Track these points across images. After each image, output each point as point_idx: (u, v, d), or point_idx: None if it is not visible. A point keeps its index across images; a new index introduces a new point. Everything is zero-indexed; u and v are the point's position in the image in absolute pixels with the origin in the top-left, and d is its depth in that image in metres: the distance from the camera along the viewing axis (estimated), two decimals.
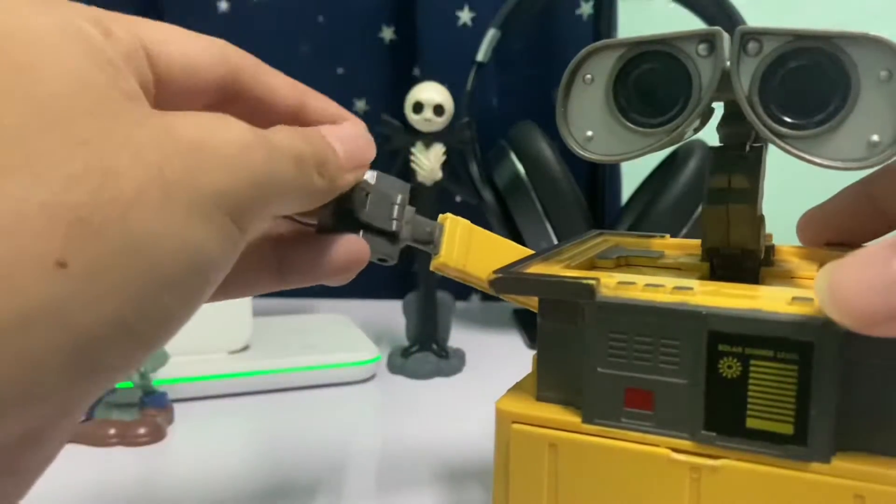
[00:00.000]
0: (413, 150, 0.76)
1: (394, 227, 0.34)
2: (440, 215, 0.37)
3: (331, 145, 0.31)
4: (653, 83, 0.31)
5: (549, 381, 0.32)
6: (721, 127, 0.33)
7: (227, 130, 0.25)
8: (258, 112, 0.31)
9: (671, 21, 0.90)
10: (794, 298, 0.28)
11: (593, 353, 0.30)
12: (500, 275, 0.32)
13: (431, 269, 0.37)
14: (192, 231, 0.24)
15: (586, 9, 0.94)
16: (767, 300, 0.28)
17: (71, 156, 0.22)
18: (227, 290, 0.32)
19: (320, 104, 0.33)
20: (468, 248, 0.37)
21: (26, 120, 0.22)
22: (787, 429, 0.27)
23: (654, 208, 0.79)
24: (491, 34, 0.82)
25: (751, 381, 0.28)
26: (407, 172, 0.80)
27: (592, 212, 0.85)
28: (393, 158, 0.79)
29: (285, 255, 0.33)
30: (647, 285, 0.30)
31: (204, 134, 0.24)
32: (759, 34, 0.29)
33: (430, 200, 0.76)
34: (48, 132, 0.22)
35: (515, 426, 0.32)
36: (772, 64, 0.29)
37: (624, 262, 0.39)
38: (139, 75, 0.26)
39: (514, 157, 0.82)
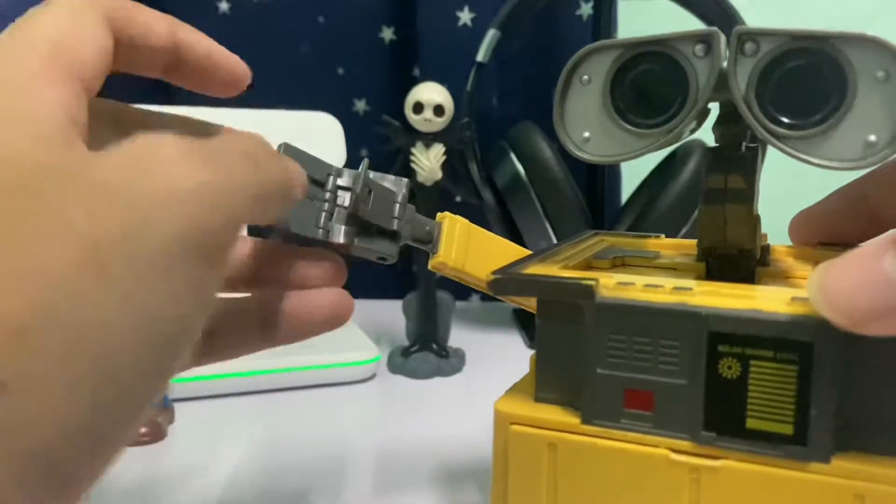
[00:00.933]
0: (413, 150, 0.76)
1: (395, 227, 0.34)
2: (439, 214, 0.37)
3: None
4: (650, 84, 0.31)
5: (548, 382, 0.32)
6: (717, 127, 0.33)
7: (161, 175, 0.22)
8: (137, 52, 0.30)
9: (671, 21, 0.90)
10: (793, 299, 0.28)
11: (592, 353, 0.30)
12: (498, 276, 0.32)
13: (430, 268, 0.37)
14: (147, 300, 0.21)
15: (586, 9, 0.94)
16: (767, 300, 0.28)
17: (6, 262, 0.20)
18: (213, 353, 0.32)
19: (192, 37, 0.32)
20: (467, 247, 0.37)
21: None
22: (787, 429, 0.27)
23: (654, 208, 0.79)
24: (491, 34, 0.82)
25: (751, 381, 0.28)
26: (407, 172, 0.80)
27: (592, 212, 0.85)
28: (393, 158, 0.79)
29: (269, 315, 0.33)
30: (647, 286, 0.30)
31: (137, 186, 0.22)
32: (756, 35, 0.29)
33: (430, 200, 0.76)
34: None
35: (514, 427, 0.32)
36: (769, 64, 0.29)
37: (620, 263, 0.39)
38: (81, 101, 0.25)
39: (514, 157, 0.82)
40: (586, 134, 0.32)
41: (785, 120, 0.29)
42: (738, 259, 0.34)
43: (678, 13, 0.82)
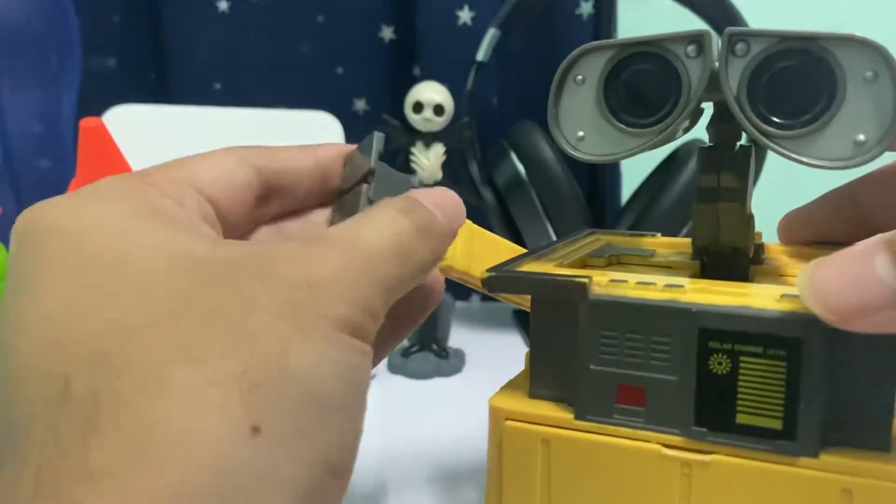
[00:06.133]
0: (413, 149, 0.76)
1: None
2: None
3: (432, 214, 0.29)
4: (643, 84, 0.31)
5: (542, 379, 0.33)
6: (710, 127, 0.34)
7: (323, 263, 0.25)
8: (291, 191, 0.32)
9: (671, 21, 0.89)
10: (782, 296, 0.28)
11: (585, 350, 0.30)
12: (493, 273, 0.32)
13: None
14: (342, 356, 0.24)
15: (586, 8, 0.94)
16: (757, 297, 0.28)
17: (215, 337, 0.22)
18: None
19: (330, 152, 0.33)
20: (471, 249, 0.37)
21: (173, 322, 0.22)
22: (776, 424, 0.28)
23: (655, 208, 0.79)
24: (491, 34, 0.82)
25: (740, 377, 0.28)
26: (407, 172, 0.81)
27: (592, 212, 0.85)
28: (393, 158, 0.79)
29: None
30: (639, 283, 0.30)
31: (314, 271, 0.24)
32: (746, 35, 0.29)
33: None
34: (200, 327, 0.22)
35: (509, 423, 0.32)
36: (759, 65, 0.29)
37: (615, 261, 0.39)
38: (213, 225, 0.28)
39: (514, 156, 0.82)
40: (580, 133, 0.32)
41: (776, 120, 0.29)
42: (731, 257, 0.34)
43: (679, 12, 0.83)
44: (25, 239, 0.24)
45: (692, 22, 0.83)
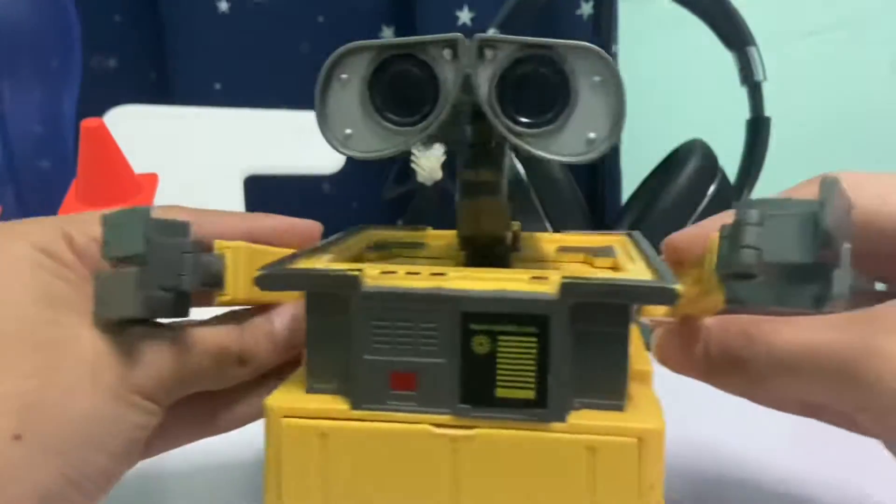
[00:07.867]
0: (413, 150, 0.78)
1: (184, 285, 0.33)
2: (217, 242, 0.36)
3: (262, 342, 0.37)
4: (404, 84, 0.33)
5: (320, 373, 0.33)
6: (469, 126, 0.35)
7: (151, 338, 0.33)
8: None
9: (671, 21, 0.89)
10: (532, 278, 0.31)
11: (358, 341, 0.31)
12: (265, 272, 0.33)
13: (216, 305, 0.36)
14: (116, 411, 0.32)
15: (586, 9, 0.94)
16: (511, 281, 0.31)
17: (25, 360, 0.30)
18: (164, 443, 0.39)
19: (268, 224, 0.40)
20: (253, 273, 0.34)
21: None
22: (530, 394, 0.30)
23: (655, 208, 0.79)
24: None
25: (499, 354, 0.30)
26: (407, 172, 0.82)
27: (592, 212, 0.86)
28: (393, 159, 0.81)
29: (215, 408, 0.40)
30: (408, 273, 0.32)
31: (133, 340, 0.32)
32: (493, 42, 0.31)
33: (430, 200, 0.78)
34: (12, 344, 0.30)
35: (286, 420, 0.32)
36: (506, 69, 0.31)
37: (388, 255, 0.42)
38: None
39: (514, 156, 0.83)
40: (348, 131, 0.34)
41: (522, 119, 0.31)
42: (492, 246, 0.36)
43: (678, 12, 0.83)
44: None
45: (692, 22, 0.82)
